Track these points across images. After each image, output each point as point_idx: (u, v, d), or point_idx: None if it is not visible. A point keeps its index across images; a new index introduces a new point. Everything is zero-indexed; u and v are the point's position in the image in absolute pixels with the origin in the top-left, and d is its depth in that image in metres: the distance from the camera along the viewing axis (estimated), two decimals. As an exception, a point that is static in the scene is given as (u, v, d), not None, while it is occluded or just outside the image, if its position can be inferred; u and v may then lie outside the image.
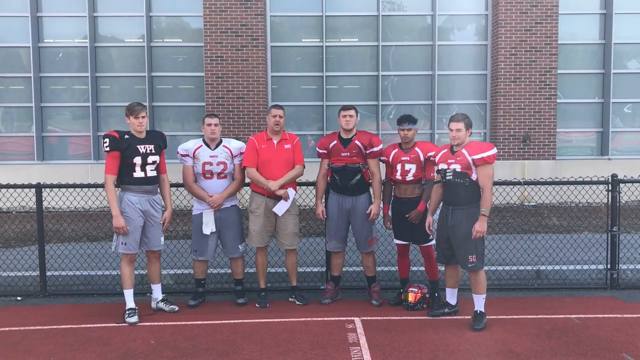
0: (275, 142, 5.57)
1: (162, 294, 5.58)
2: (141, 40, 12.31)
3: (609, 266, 6.21)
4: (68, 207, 7.51)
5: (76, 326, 5.09)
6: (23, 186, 6.18)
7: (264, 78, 11.93)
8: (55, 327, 5.08)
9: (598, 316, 5.22)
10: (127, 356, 4.39)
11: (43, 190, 6.16)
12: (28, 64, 12.17)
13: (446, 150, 5.06)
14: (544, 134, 11.98)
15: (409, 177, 5.38)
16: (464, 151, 4.88)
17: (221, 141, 5.62)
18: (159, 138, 5.36)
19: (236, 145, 5.65)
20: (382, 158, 5.61)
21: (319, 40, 12.35)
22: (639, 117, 12.62)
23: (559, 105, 12.14)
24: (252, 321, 5.15)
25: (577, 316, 5.18)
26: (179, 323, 5.13)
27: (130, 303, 5.24)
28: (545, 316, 5.20)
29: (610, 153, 12.38)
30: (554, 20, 11.80)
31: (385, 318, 5.21)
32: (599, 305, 5.61)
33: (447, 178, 4.92)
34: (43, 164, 12.21)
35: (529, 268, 6.49)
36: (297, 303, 5.68)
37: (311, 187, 6.19)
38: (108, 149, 5.08)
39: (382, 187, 5.64)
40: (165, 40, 12.47)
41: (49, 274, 6.26)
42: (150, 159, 5.20)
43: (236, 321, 5.16)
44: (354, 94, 12.51)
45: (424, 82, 12.46)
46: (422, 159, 5.38)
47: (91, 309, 5.70)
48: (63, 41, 12.36)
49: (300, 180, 5.85)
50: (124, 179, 5.15)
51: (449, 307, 5.26)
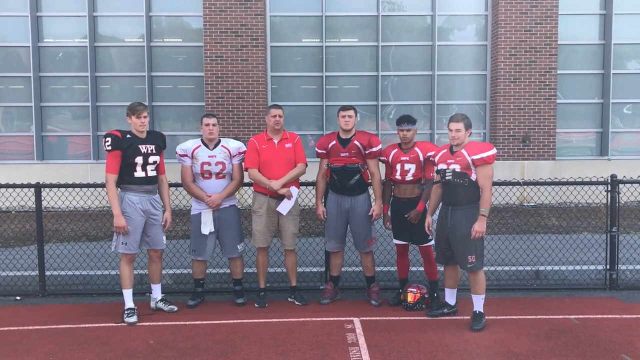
0: (276, 141, 5.56)
1: (162, 294, 5.58)
2: (141, 40, 12.30)
3: (608, 267, 6.21)
4: (67, 207, 7.51)
5: (75, 326, 5.09)
6: (22, 186, 6.17)
7: (263, 78, 11.92)
8: (54, 326, 5.08)
9: (597, 317, 5.22)
10: (126, 356, 4.39)
11: (42, 189, 6.16)
12: (28, 63, 12.17)
13: (446, 150, 5.06)
14: (544, 134, 11.97)
15: (409, 177, 5.38)
16: (463, 151, 4.88)
17: (219, 141, 5.61)
18: (159, 138, 5.37)
19: (234, 145, 5.64)
20: (382, 158, 5.61)
21: (318, 40, 12.35)
22: (639, 118, 12.62)
23: (558, 105, 12.14)
24: (251, 321, 5.15)
25: (576, 317, 5.19)
26: (178, 323, 5.13)
27: (129, 303, 5.24)
28: (545, 317, 5.20)
29: (610, 153, 12.38)
30: (553, 21, 11.80)
31: (384, 318, 5.20)
32: (598, 305, 5.61)
33: (447, 178, 4.92)
34: (43, 164, 12.21)
35: (528, 268, 6.48)
36: (296, 303, 5.67)
37: (310, 187, 6.19)
38: (110, 148, 5.07)
39: (382, 187, 5.64)
40: (165, 40, 12.47)
41: (48, 273, 6.26)
42: (151, 159, 5.21)
43: (235, 321, 5.16)
44: (353, 94, 12.51)
45: (424, 83, 12.46)
46: (421, 159, 5.38)
47: (90, 308, 5.70)
48: (63, 41, 12.36)
49: (300, 180, 5.84)
50: (125, 178, 5.15)
51: (448, 307, 5.26)
